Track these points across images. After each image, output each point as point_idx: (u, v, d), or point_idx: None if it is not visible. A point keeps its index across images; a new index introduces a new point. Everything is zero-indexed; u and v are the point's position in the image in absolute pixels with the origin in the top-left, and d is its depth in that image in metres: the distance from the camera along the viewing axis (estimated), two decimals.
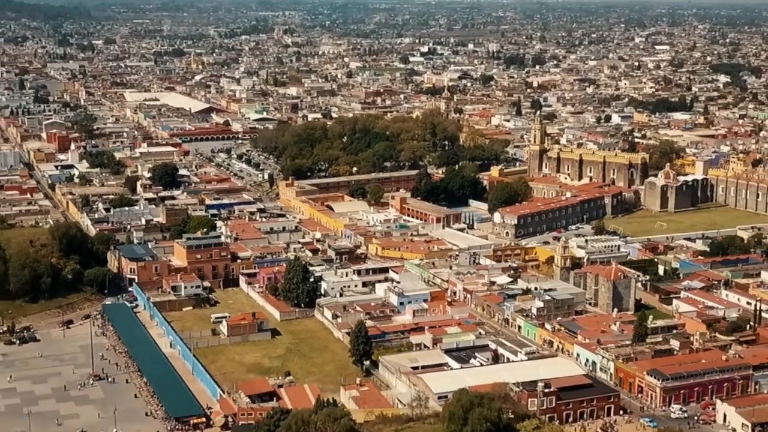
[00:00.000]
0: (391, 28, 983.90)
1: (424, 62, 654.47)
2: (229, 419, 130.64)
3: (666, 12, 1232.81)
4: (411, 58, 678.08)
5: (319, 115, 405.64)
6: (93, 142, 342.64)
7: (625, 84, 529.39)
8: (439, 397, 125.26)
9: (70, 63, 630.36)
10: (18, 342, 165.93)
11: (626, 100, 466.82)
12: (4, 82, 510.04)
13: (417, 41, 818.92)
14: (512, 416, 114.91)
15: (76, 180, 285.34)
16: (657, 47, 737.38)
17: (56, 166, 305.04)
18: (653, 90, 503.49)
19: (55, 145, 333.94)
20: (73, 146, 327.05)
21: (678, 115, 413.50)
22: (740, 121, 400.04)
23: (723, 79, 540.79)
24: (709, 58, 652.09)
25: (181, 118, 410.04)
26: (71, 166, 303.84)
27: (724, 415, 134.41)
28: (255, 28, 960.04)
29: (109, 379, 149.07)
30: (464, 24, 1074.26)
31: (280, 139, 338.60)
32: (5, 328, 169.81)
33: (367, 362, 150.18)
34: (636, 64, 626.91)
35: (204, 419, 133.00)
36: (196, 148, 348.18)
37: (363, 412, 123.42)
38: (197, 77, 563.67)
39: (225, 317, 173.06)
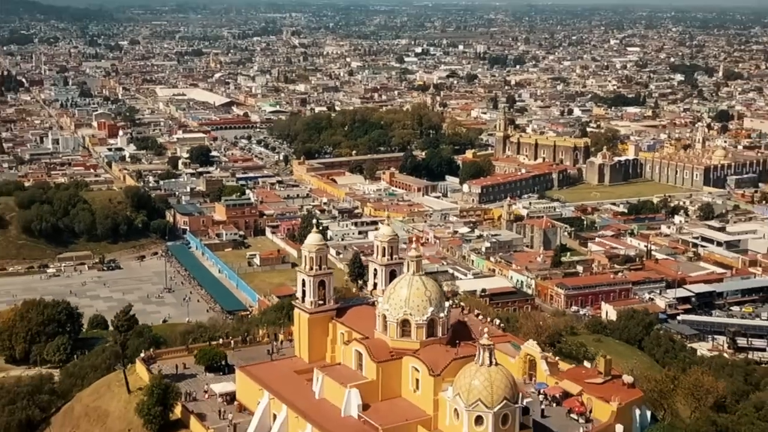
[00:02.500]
0: (389, 30, 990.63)
1: (418, 62, 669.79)
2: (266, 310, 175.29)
3: (645, 15, 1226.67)
4: (406, 59, 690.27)
5: (324, 108, 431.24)
6: (136, 129, 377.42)
7: (592, 82, 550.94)
8: None
9: (102, 62, 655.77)
10: (107, 269, 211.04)
11: (589, 96, 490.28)
12: (50, 79, 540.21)
13: (412, 42, 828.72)
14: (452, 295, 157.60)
15: (128, 159, 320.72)
16: (628, 48, 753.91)
17: (109, 149, 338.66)
18: (615, 87, 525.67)
19: (105, 132, 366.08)
20: (121, 133, 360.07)
21: (630, 109, 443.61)
22: (682, 114, 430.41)
23: (678, 77, 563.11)
24: (672, 59, 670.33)
25: (207, 110, 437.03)
26: (121, 149, 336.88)
27: (606, 312, 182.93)
28: (265, 29, 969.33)
29: (176, 292, 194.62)
30: (457, 26, 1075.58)
31: (292, 127, 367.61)
32: (97, 260, 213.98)
33: (360, 281, 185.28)
34: (605, 64, 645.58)
35: (248, 312, 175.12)
36: (222, 135, 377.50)
37: None
38: (216, 75, 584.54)
39: (256, 254, 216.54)
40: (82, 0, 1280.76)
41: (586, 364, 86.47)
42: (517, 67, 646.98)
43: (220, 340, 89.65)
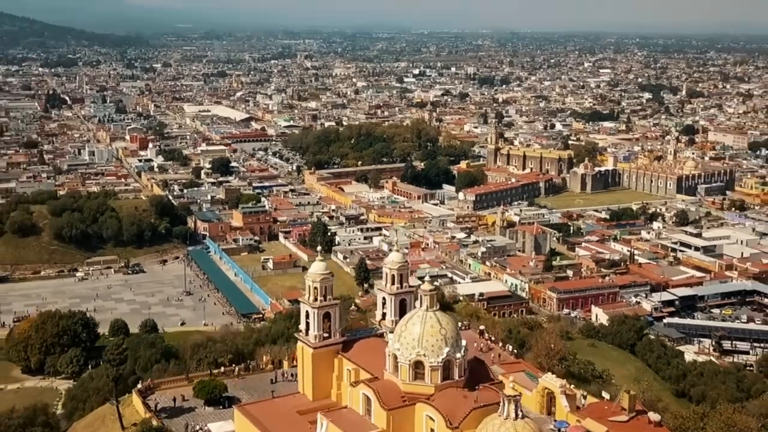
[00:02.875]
0: (390, 54, 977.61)
1: (416, 82, 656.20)
2: (277, 315, 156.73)
3: (613, 41, 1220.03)
4: (405, 79, 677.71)
5: (333, 123, 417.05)
6: (165, 142, 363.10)
7: (570, 100, 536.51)
8: None
9: (137, 82, 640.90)
10: (131, 273, 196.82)
11: (569, 112, 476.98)
12: (90, 97, 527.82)
13: (410, 65, 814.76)
14: (452, 303, 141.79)
15: (156, 169, 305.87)
16: (600, 70, 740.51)
17: (139, 160, 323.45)
18: (591, 104, 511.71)
19: (136, 144, 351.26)
20: (150, 145, 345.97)
21: (606, 124, 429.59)
22: (653, 128, 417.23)
23: (646, 95, 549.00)
24: (640, 79, 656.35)
25: (228, 125, 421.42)
26: (150, 160, 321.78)
27: (596, 315, 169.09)
28: (281, 54, 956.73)
29: (195, 295, 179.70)
30: (450, 51, 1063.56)
31: (304, 140, 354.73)
32: (122, 264, 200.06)
33: (366, 285, 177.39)
34: (581, 84, 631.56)
35: (260, 315, 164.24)
36: (241, 147, 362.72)
37: (365, 306, 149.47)
38: (238, 94, 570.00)
39: (270, 258, 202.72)
40: (123, 28, 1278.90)
41: (599, 392, 71.97)
42: (504, 86, 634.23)
43: (222, 369, 74.61)
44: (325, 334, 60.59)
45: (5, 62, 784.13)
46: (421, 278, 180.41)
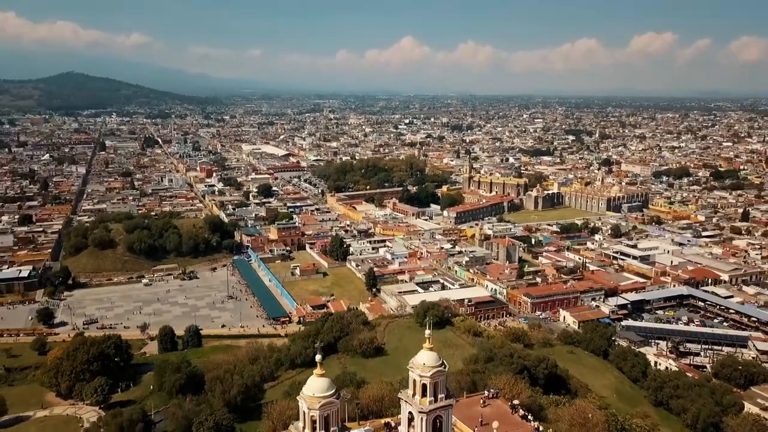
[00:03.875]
0: (388, 109, 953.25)
1: (407, 128, 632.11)
2: (301, 318, 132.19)
3: (540, 101, 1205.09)
4: (399, 126, 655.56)
5: (348, 158, 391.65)
6: (225, 172, 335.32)
7: (517, 140, 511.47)
8: (412, 307, 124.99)
9: (211, 129, 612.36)
10: (187, 278, 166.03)
11: (517, 149, 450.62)
12: (176, 140, 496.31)
13: (403, 116, 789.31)
14: (451, 315, 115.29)
15: (216, 192, 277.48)
16: (535, 120, 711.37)
17: (205, 185, 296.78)
18: (533, 144, 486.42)
19: (204, 174, 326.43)
20: (214, 175, 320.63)
21: (545, 158, 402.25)
22: (579, 161, 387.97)
23: (571, 137, 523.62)
24: (564, 126, 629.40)
25: (272, 159, 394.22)
26: (213, 185, 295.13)
27: (564, 317, 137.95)
28: (312, 109, 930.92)
29: (236, 298, 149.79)
30: (429, 107, 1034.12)
31: (327, 170, 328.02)
32: (181, 271, 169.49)
33: (374, 289, 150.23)
34: (523, 129, 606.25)
35: (287, 318, 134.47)
36: (281, 176, 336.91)
37: (372, 313, 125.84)
38: (281, 136, 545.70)
39: (298, 266, 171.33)
40: (204, 91, 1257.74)
41: None
42: (469, 131, 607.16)
43: None
44: None
45: (121, 115, 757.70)
46: (419, 284, 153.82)
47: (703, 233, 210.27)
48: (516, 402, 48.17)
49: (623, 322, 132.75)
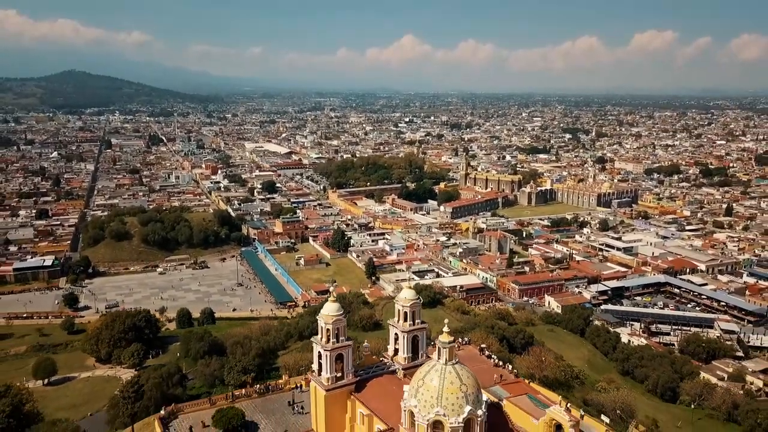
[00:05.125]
0: (389, 107, 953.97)
1: (407, 126, 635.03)
2: (306, 303, 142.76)
3: (540, 99, 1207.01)
4: (399, 124, 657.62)
5: (349, 156, 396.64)
6: (229, 169, 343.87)
7: (515, 139, 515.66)
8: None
9: (213, 127, 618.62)
10: (199, 268, 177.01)
11: (514, 147, 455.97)
12: (180, 138, 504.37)
13: (403, 115, 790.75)
14: (442, 297, 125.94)
15: (222, 189, 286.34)
16: (534, 118, 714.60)
17: (211, 182, 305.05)
18: (530, 142, 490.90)
19: (209, 171, 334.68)
20: (219, 172, 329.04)
21: (541, 155, 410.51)
22: (574, 159, 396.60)
23: (568, 136, 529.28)
24: (561, 125, 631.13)
25: (275, 157, 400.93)
26: (218, 182, 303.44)
27: (548, 302, 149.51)
28: (313, 107, 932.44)
29: (246, 286, 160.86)
30: (429, 105, 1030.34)
31: (328, 168, 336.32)
32: (192, 261, 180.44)
33: (373, 278, 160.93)
34: (521, 127, 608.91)
35: (294, 303, 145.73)
36: (284, 173, 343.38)
37: (371, 297, 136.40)
38: (283, 135, 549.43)
39: (302, 256, 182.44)
40: (205, 89, 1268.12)
41: (580, 400, 51.54)
42: (468, 129, 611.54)
43: (243, 390, 54.19)
44: (338, 375, 40.50)
45: (124, 113, 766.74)
46: (416, 272, 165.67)
47: (687, 227, 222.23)
48: (483, 346, 60.20)
49: (602, 306, 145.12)
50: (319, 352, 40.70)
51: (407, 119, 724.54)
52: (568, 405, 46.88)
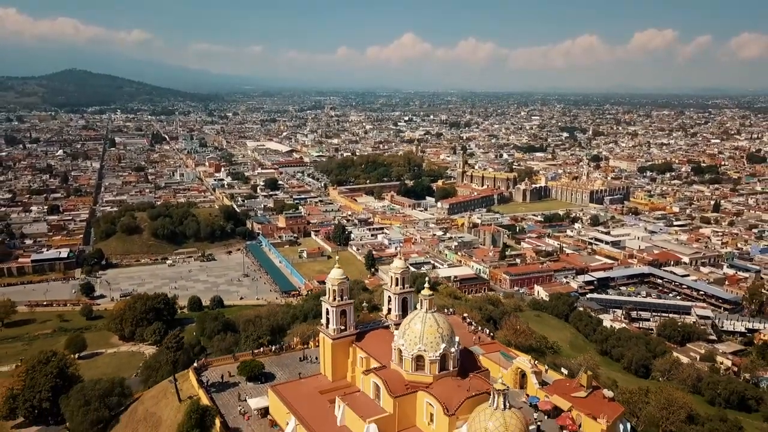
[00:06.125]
0: (388, 106, 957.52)
1: (406, 125, 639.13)
2: (309, 292, 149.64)
3: (539, 98, 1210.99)
4: (399, 123, 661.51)
5: (349, 154, 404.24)
6: (232, 167, 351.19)
7: (513, 137, 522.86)
8: None
9: (215, 125, 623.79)
10: (206, 260, 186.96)
11: (512, 146, 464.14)
12: (182, 136, 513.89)
13: (402, 114, 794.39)
14: (437, 284, 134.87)
15: (225, 186, 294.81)
16: (532, 117, 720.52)
17: (214, 179, 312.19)
18: (527, 141, 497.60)
19: (212, 168, 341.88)
20: (222, 169, 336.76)
21: (538, 154, 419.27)
22: (570, 157, 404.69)
23: (565, 134, 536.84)
24: (559, 124, 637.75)
25: (277, 155, 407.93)
26: (222, 179, 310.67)
27: (537, 291, 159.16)
28: (314, 106, 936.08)
29: (252, 277, 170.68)
30: (429, 104, 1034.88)
31: (329, 166, 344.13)
32: (200, 254, 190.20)
33: (373, 269, 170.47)
34: (519, 126, 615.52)
35: (297, 292, 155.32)
36: (285, 171, 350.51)
37: (371, 286, 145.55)
38: (284, 133, 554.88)
39: (305, 250, 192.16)
40: (205, 87, 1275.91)
41: (553, 362, 61.31)
42: (466, 128, 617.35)
43: (261, 348, 64.10)
44: (342, 327, 50.33)
45: (125, 112, 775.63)
46: (413, 264, 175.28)
47: (675, 223, 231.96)
48: (465, 315, 69.91)
49: (588, 295, 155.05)
50: (327, 308, 50.38)
51: (406, 118, 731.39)
52: (536, 362, 56.95)
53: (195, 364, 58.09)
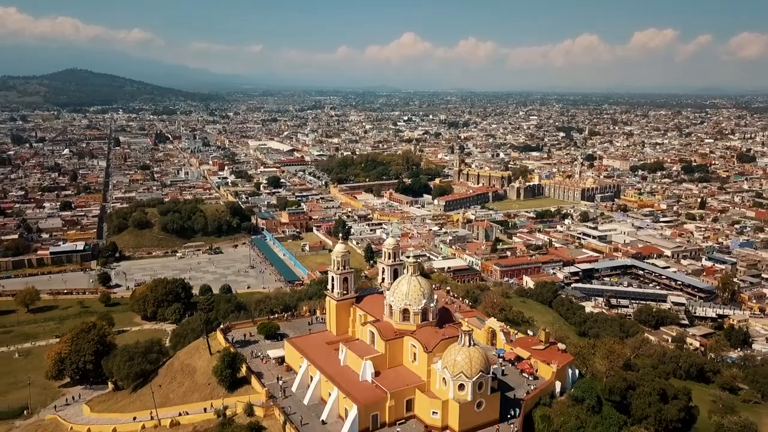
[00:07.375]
0: (388, 106, 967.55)
1: (405, 125, 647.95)
2: (312, 281, 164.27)
3: (539, 97, 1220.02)
4: (398, 123, 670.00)
5: (349, 153, 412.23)
6: (235, 165, 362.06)
7: (510, 137, 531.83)
8: None
9: (216, 125, 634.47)
10: (214, 253, 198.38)
11: (508, 145, 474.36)
12: (185, 135, 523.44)
13: (402, 113, 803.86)
14: (429, 273, 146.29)
15: (229, 184, 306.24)
16: (530, 117, 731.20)
17: (218, 177, 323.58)
18: (524, 140, 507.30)
19: (216, 167, 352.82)
20: (226, 168, 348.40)
21: (534, 153, 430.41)
22: (565, 156, 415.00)
23: (561, 134, 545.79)
24: (557, 123, 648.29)
25: (278, 154, 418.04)
26: (225, 178, 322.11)
27: (526, 281, 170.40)
28: (314, 106, 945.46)
29: (257, 269, 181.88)
30: (428, 104, 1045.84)
31: (330, 164, 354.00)
32: (208, 247, 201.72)
33: (371, 261, 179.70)
34: (517, 126, 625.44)
35: (301, 282, 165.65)
36: (287, 169, 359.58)
37: (371, 275, 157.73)
38: (285, 133, 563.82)
39: (307, 243, 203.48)
40: (205, 86, 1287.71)
41: (526, 330, 73.21)
42: (465, 128, 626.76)
43: (276, 315, 76.11)
44: (344, 292, 62.13)
45: (127, 111, 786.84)
46: (408, 256, 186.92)
47: (662, 219, 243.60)
48: (449, 288, 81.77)
49: (573, 285, 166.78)
50: (332, 276, 62.21)
51: (406, 118, 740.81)
52: (508, 327, 68.90)
53: (221, 326, 69.89)
